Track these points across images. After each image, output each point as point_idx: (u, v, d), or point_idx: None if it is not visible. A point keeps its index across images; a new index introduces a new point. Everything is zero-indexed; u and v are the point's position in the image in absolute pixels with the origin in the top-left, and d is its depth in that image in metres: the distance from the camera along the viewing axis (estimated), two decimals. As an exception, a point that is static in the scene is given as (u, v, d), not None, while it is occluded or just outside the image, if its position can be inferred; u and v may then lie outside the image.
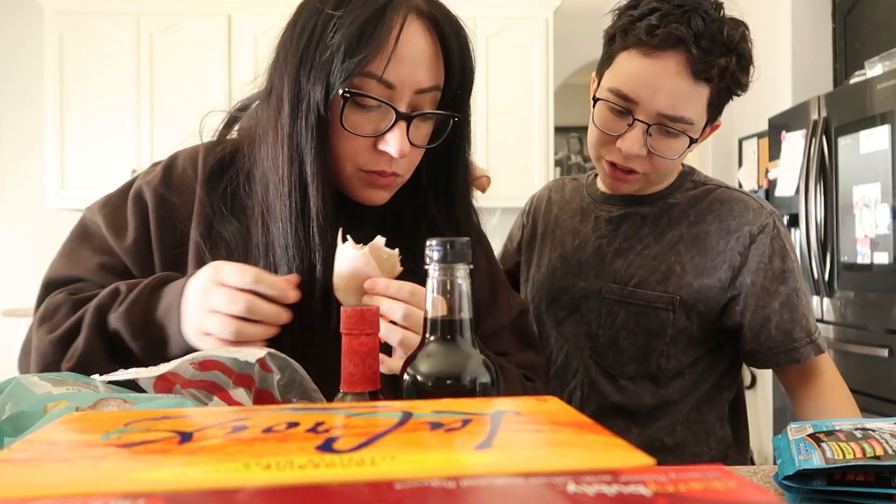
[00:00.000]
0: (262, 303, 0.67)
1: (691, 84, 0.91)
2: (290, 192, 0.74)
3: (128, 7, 3.56)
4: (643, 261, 1.03)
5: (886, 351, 2.01)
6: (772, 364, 1.01)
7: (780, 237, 1.01)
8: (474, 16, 3.68)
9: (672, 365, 1.02)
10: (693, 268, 1.01)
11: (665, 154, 0.95)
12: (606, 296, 1.04)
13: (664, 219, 1.05)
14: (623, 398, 1.03)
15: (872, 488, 0.60)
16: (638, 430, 1.03)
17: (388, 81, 0.72)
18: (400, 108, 0.73)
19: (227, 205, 0.80)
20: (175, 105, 3.52)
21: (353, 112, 0.73)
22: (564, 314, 1.08)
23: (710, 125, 1.01)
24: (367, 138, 0.74)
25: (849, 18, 2.81)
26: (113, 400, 0.55)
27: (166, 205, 0.82)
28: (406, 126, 0.74)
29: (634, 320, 1.02)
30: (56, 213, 3.82)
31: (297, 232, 0.74)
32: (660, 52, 0.91)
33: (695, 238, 1.02)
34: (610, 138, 0.97)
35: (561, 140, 5.81)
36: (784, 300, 0.99)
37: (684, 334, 1.02)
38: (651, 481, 0.26)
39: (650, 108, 0.93)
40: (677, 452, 1.02)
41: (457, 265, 0.53)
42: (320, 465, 0.28)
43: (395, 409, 0.39)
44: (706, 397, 1.05)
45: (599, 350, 1.04)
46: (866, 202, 2.07)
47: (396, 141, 0.73)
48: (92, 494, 0.25)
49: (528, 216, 1.24)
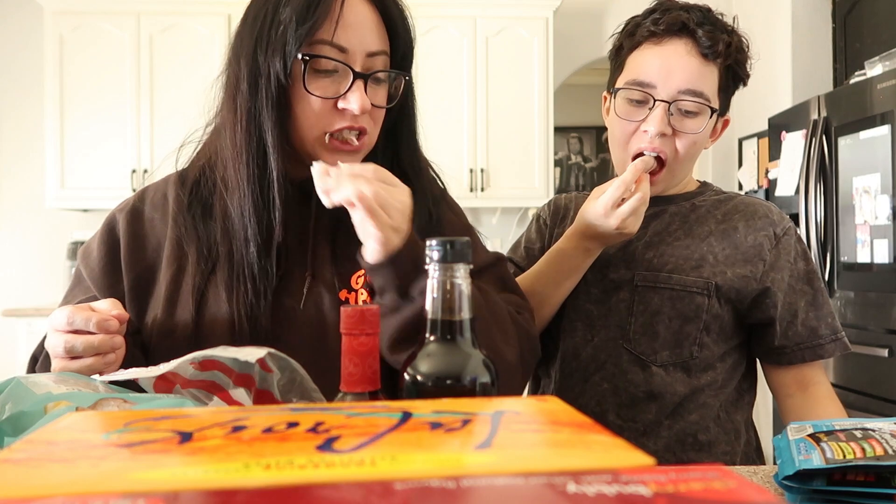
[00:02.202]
0: (78, 339, 0.69)
1: (701, 62, 0.99)
2: (248, 161, 0.80)
3: (128, 7, 3.56)
4: (675, 250, 1.05)
5: (886, 351, 2.01)
6: (797, 360, 1.03)
7: (801, 241, 1.07)
8: (474, 15, 3.68)
9: (704, 355, 1.03)
10: (725, 258, 1.03)
11: (688, 131, 1.00)
12: (639, 284, 1.04)
13: (692, 216, 1.08)
14: (655, 386, 1.02)
15: (872, 488, 0.60)
16: (669, 422, 1.02)
17: (340, 45, 0.79)
18: (357, 70, 0.80)
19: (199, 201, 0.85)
20: (175, 105, 3.52)
21: (314, 79, 0.80)
22: (593, 307, 1.07)
23: (721, 116, 1.07)
24: (329, 101, 0.80)
25: (849, 18, 2.81)
26: (113, 400, 0.55)
27: (139, 218, 0.88)
28: (364, 85, 0.80)
29: (670, 304, 1.02)
30: (56, 213, 3.82)
31: (255, 196, 0.80)
32: (667, 38, 1.00)
33: (724, 233, 1.05)
34: (634, 126, 1.02)
35: (561, 140, 5.81)
36: (810, 299, 1.03)
37: (717, 323, 1.03)
38: (651, 481, 0.26)
39: (668, 87, 0.99)
40: (710, 451, 1.02)
41: (457, 265, 0.53)
42: (320, 465, 0.28)
43: (395, 409, 0.39)
44: (733, 397, 1.06)
45: (632, 337, 1.04)
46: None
47: (357, 98, 0.79)
48: (92, 494, 0.25)
49: (549, 218, 1.22)
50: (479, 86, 3.68)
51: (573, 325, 1.09)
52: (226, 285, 0.80)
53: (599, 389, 1.05)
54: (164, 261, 0.84)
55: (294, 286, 0.83)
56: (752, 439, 1.08)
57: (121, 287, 0.84)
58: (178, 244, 0.84)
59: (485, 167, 3.69)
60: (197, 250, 0.83)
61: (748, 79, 1.06)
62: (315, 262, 0.84)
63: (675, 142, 1.01)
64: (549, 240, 1.19)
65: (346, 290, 0.83)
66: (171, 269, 0.83)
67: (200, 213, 0.85)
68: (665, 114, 0.99)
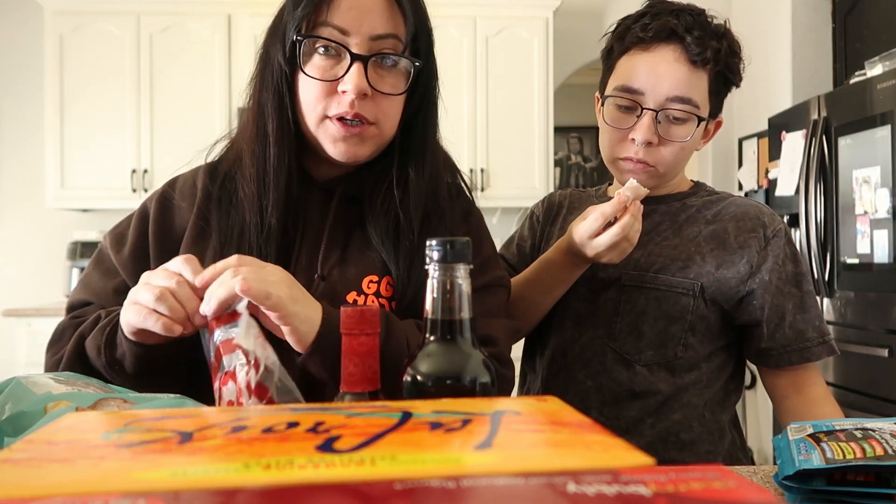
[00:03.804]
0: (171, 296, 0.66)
1: (690, 69, 0.98)
2: (255, 150, 0.82)
3: (128, 7, 3.56)
4: (663, 250, 1.05)
5: (886, 351, 2.01)
6: (785, 362, 1.03)
7: (791, 243, 1.06)
8: (474, 15, 3.68)
9: (689, 355, 1.03)
10: (713, 259, 1.03)
11: (675, 139, 1.00)
12: (626, 283, 1.04)
13: (681, 216, 1.08)
14: (638, 385, 1.03)
15: (872, 488, 0.60)
16: (652, 420, 1.03)
17: (339, 26, 0.77)
18: (355, 51, 0.78)
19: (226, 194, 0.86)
20: (175, 105, 3.52)
21: (315, 63, 0.79)
22: (581, 305, 1.08)
23: (713, 119, 1.06)
24: (329, 84, 0.78)
25: (849, 18, 2.81)
26: (113, 400, 0.55)
27: (169, 204, 0.88)
28: (364, 68, 0.78)
29: (655, 304, 1.03)
30: (56, 213, 3.82)
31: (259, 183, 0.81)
32: (656, 44, 0.99)
33: (713, 234, 1.05)
34: (622, 134, 1.01)
35: (561, 140, 5.81)
36: (797, 302, 1.03)
37: (702, 323, 1.03)
38: (651, 481, 0.26)
39: (656, 94, 0.98)
40: (693, 450, 1.02)
41: (457, 265, 0.53)
42: (320, 465, 0.28)
43: (395, 409, 0.39)
44: (718, 398, 1.06)
45: (617, 336, 1.04)
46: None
47: (353, 78, 0.77)
48: (92, 494, 0.25)
49: (542, 215, 1.22)
50: (479, 86, 3.68)
51: (562, 324, 1.09)
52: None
53: (584, 387, 1.06)
54: (183, 250, 0.84)
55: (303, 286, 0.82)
56: (736, 439, 1.08)
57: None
58: (200, 235, 0.84)
59: (485, 167, 3.69)
60: (218, 241, 0.83)
61: (741, 81, 1.06)
62: (325, 263, 0.84)
63: (661, 149, 1.00)
64: (541, 237, 1.20)
65: (355, 292, 0.83)
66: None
67: (227, 205, 0.85)
68: (652, 122, 0.98)
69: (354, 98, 0.78)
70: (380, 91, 0.79)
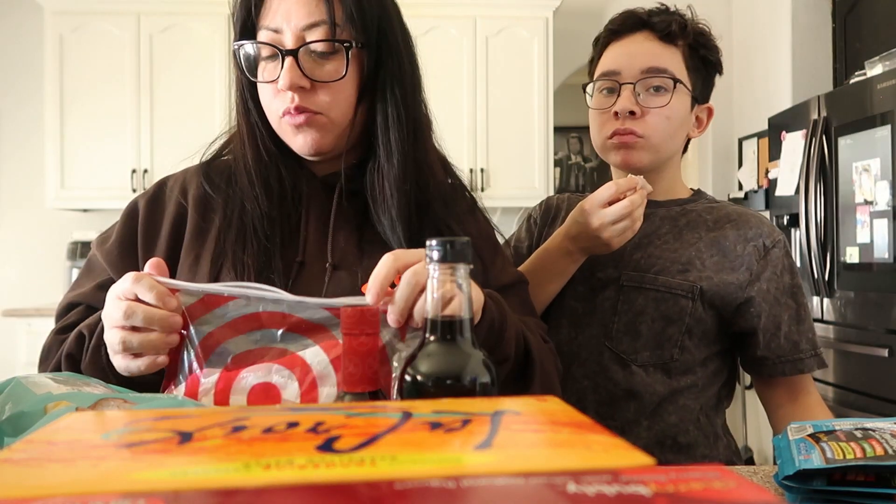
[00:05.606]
0: (141, 307, 0.64)
1: (661, 45, 1.06)
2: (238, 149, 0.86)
3: (128, 7, 3.56)
4: (663, 253, 1.06)
5: (886, 351, 2.01)
6: (778, 372, 1.05)
7: (789, 255, 1.08)
8: (474, 15, 3.68)
9: (685, 358, 1.04)
10: (713, 264, 1.04)
11: (656, 106, 1.04)
12: (625, 283, 1.05)
13: (682, 220, 1.09)
14: (634, 384, 1.03)
15: (872, 488, 0.60)
16: (648, 422, 1.03)
17: (270, 27, 0.80)
18: (287, 47, 0.79)
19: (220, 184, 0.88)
20: (175, 105, 3.52)
21: (261, 65, 0.82)
22: (578, 304, 1.08)
23: (701, 103, 1.10)
24: (274, 83, 0.80)
25: (849, 18, 2.81)
26: (113, 400, 0.55)
27: (159, 205, 0.88)
28: (294, 60, 0.78)
29: (654, 305, 1.03)
30: (56, 213, 3.82)
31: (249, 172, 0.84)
32: (626, 34, 1.08)
33: (714, 241, 1.06)
34: (606, 114, 1.07)
35: (561, 140, 5.80)
36: (793, 314, 1.05)
37: (699, 327, 1.03)
38: (651, 481, 0.26)
39: (631, 69, 1.05)
40: (689, 453, 1.03)
41: (457, 265, 0.53)
42: (320, 465, 0.28)
43: (395, 409, 0.39)
44: (712, 403, 1.07)
45: (614, 336, 1.05)
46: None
47: (284, 74, 0.78)
48: (92, 494, 0.25)
49: (539, 217, 1.23)
50: (479, 86, 3.68)
51: (559, 322, 1.10)
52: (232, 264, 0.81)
53: (580, 386, 1.06)
54: (182, 249, 0.84)
55: (315, 276, 0.82)
56: (730, 443, 1.10)
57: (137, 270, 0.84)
58: (198, 233, 0.85)
59: (485, 167, 3.69)
60: (215, 239, 0.83)
61: (721, 66, 1.12)
62: (335, 252, 0.84)
63: (646, 119, 1.04)
64: (538, 239, 1.20)
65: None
66: (188, 258, 0.83)
67: (224, 194, 0.86)
68: (631, 94, 1.04)
69: (292, 93, 0.79)
70: (318, 80, 0.79)
